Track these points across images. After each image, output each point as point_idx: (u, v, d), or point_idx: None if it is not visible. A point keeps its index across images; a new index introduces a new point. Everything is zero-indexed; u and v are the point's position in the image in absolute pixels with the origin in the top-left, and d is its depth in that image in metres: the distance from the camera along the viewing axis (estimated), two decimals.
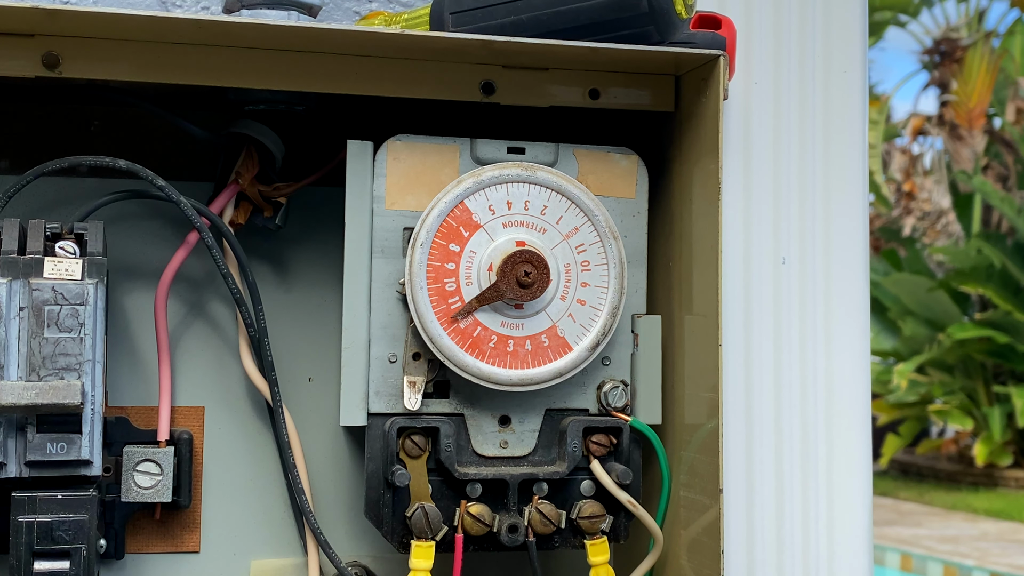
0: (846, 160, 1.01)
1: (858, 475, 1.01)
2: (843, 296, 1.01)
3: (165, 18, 0.70)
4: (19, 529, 0.73)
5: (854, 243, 1.01)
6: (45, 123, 0.86)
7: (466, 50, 0.77)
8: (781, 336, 0.99)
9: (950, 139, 9.76)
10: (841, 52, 1.01)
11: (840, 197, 1.01)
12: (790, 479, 0.99)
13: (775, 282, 0.99)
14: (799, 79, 1.00)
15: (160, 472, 0.83)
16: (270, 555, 0.89)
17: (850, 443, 1.01)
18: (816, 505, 0.99)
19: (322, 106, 0.86)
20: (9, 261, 0.74)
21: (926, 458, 8.87)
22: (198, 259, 0.86)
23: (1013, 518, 7.02)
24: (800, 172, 1.00)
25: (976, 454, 8.00)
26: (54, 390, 0.72)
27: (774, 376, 0.99)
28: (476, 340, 0.79)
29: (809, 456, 0.99)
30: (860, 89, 1.02)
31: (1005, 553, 5.99)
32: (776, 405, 0.99)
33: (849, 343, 1.01)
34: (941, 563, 5.82)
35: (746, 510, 0.98)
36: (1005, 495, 7.77)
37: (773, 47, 1.00)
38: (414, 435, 0.80)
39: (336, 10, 0.94)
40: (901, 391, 8.05)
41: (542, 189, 0.81)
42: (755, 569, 0.98)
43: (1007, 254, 8.04)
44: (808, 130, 1.00)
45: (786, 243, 0.99)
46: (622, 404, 0.84)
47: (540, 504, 0.81)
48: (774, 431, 0.98)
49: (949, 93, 9.92)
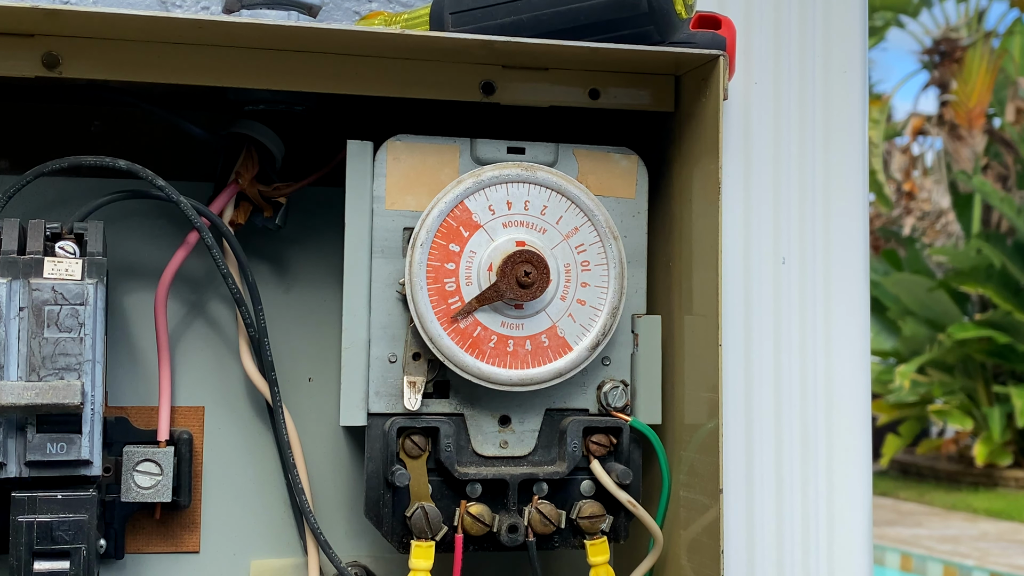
0: (846, 160, 1.01)
1: (858, 475, 1.01)
2: (843, 296, 1.01)
3: (165, 18, 0.70)
4: (19, 529, 0.73)
5: (854, 243, 1.01)
6: (45, 123, 0.86)
7: (466, 50, 0.77)
8: (781, 336, 0.99)
9: (950, 139, 9.75)
10: (841, 52, 1.01)
11: (840, 197, 1.01)
12: (790, 479, 0.99)
13: (775, 282, 0.99)
14: (799, 79, 1.00)
15: (160, 472, 0.83)
16: (270, 555, 0.89)
17: (850, 443, 1.01)
18: (816, 505, 0.99)
19: (322, 106, 0.86)
20: (9, 261, 0.74)
21: (926, 458, 8.86)
22: (198, 259, 0.86)
23: (1013, 518, 7.02)
24: (800, 172, 1.00)
25: (976, 454, 8.00)
26: (54, 390, 0.72)
27: (774, 376, 0.99)
28: (476, 340, 0.79)
29: (809, 456, 0.99)
30: (860, 89, 1.02)
31: (1005, 553, 5.99)
32: (776, 405, 0.99)
33: (849, 343, 1.01)
34: (941, 563, 5.82)
35: (746, 510, 0.98)
36: (1005, 495, 7.76)
37: (773, 47, 1.00)
38: (414, 435, 0.80)
39: (336, 10, 0.94)
40: (904, 391, 8.05)
41: (542, 189, 0.81)
42: (755, 569, 0.98)
43: (1007, 254, 8.04)
44: (808, 130, 1.00)
45: (786, 243, 0.99)
46: (622, 404, 0.84)
47: (540, 504, 0.81)
48: (774, 431, 0.98)
49: (949, 93, 9.91)
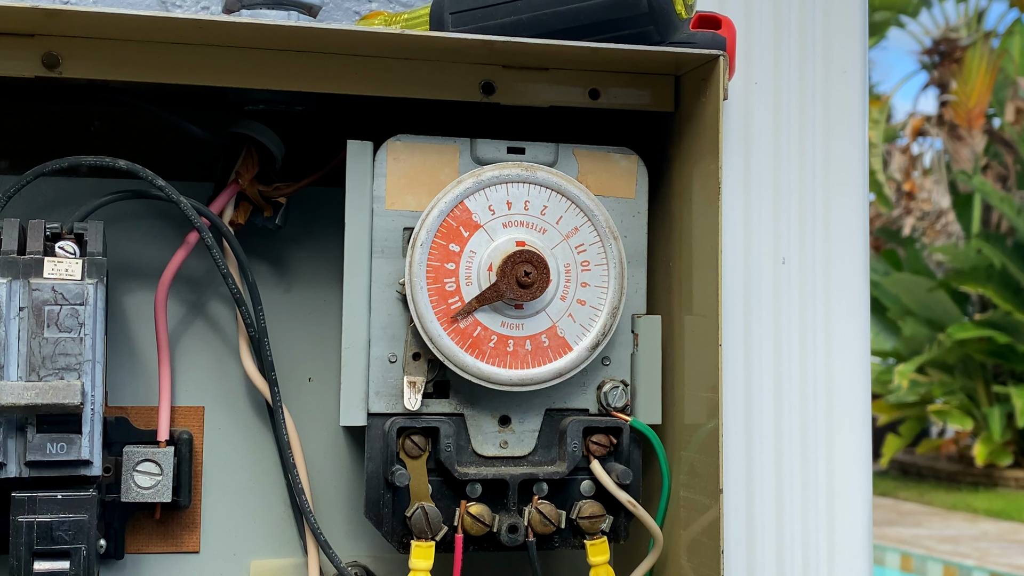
0: (846, 160, 1.01)
1: (858, 475, 1.01)
2: (843, 296, 1.01)
3: (165, 18, 0.70)
4: (19, 529, 0.73)
5: (854, 243, 1.01)
6: (45, 123, 0.86)
7: (466, 50, 0.77)
8: (781, 336, 0.99)
9: (950, 139, 9.75)
10: (841, 52, 1.01)
11: (840, 197, 1.01)
12: (790, 479, 0.99)
13: (775, 282, 0.99)
14: (799, 79, 1.00)
15: (160, 472, 0.83)
16: (270, 555, 0.89)
17: (850, 443, 1.01)
18: (816, 505, 0.99)
19: (322, 106, 0.86)
20: (9, 261, 0.74)
21: (926, 458, 8.86)
22: (198, 259, 0.86)
23: (1013, 518, 7.02)
24: (800, 172, 1.00)
25: (976, 454, 8.00)
26: (54, 390, 0.72)
27: (774, 376, 0.99)
28: (476, 340, 0.79)
29: (809, 456, 0.99)
30: (860, 89, 1.02)
31: (1005, 553, 5.99)
32: (776, 405, 0.99)
33: (849, 343, 1.01)
34: (941, 563, 5.82)
35: (746, 510, 0.98)
36: (1005, 495, 7.76)
37: (773, 47, 1.00)
38: (414, 435, 0.80)
39: (336, 10, 0.94)
40: (902, 391, 8.05)
41: (542, 189, 0.81)
42: (755, 569, 0.98)
43: (1007, 254, 8.04)
44: (808, 130, 1.00)
45: (786, 243, 0.99)
46: (622, 404, 0.84)
47: (540, 504, 0.81)
48: (774, 431, 0.98)
49: (949, 93, 9.91)
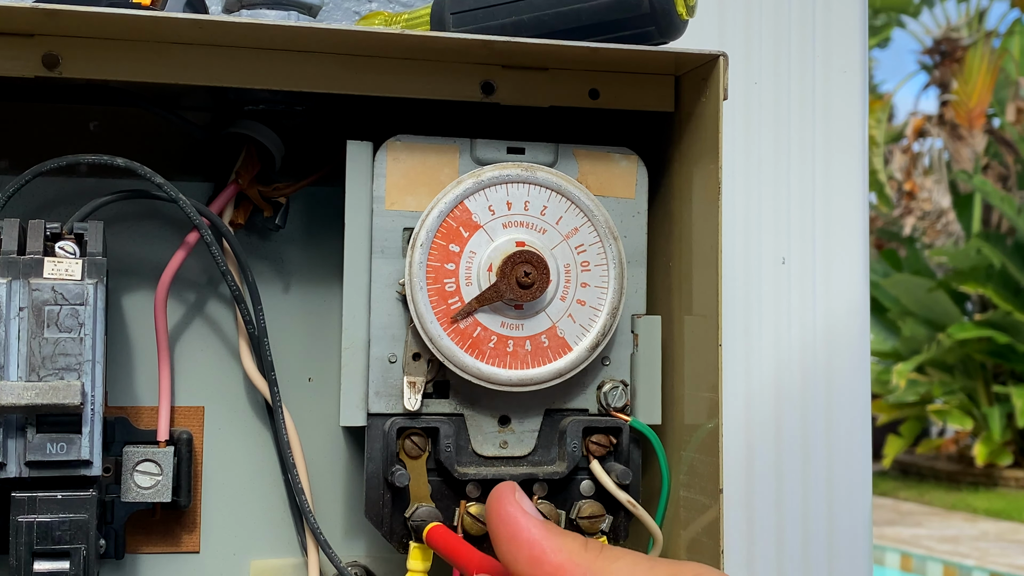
0: (846, 160, 1.01)
1: (858, 475, 1.01)
2: (843, 296, 1.01)
3: (165, 18, 0.70)
4: (19, 529, 0.73)
5: (854, 243, 1.01)
6: (45, 123, 0.86)
7: (466, 50, 0.77)
8: (781, 336, 0.99)
9: (950, 139, 9.75)
10: (841, 52, 1.01)
11: (840, 197, 1.01)
12: (790, 479, 0.99)
13: (775, 282, 0.99)
14: (799, 79, 1.00)
15: (160, 472, 0.83)
16: (270, 555, 0.89)
17: (850, 443, 1.01)
18: (816, 505, 0.99)
19: (322, 106, 0.86)
20: (9, 261, 0.74)
21: (926, 458, 8.87)
22: (198, 259, 0.86)
23: (1013, 518, 7.02)
24: (800, 172, 1.00)
25: (976, 454, 8.00)
26: (54, 390, 0.72)
27: (774, 376, 0.99)
28: (476, 340, 0.79)
29: (809, 456, 0.99)
30: (860, 89, 1.02)
31: (1005, 553, 5.99)
32: (776, 405, 0.99)
33: (849, 343, 1.01)
34: (941, 563, 5.82)
35: (746, 510, 0.98)
36: (1005, 495, 7.77)
37: (773, 47, 1.00)
38: (414, 435, 0.80)
39: (336, 10, 0.94)
40: (900, 391, 8.06)
41: (542, 189, 0.81)
42: (755, 569, 0.98)
43: (1007, 254, 8.04)
44: (808, 130, 1.00)
45: (786, 243, 0.99)
46: (622, 404, 0.84)
47: (540, 504, 0.81)
48: (774, 431, 0.98)
49: (949, 93, 9.91)
